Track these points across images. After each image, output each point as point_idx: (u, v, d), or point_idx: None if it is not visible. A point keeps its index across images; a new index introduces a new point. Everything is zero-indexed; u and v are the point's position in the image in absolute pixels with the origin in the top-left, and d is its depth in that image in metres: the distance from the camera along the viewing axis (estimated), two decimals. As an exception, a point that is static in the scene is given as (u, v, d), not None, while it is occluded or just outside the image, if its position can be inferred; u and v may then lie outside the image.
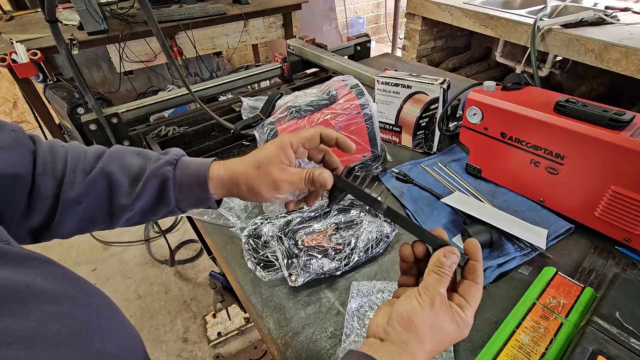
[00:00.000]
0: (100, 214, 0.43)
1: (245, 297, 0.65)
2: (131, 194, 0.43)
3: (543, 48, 1.75)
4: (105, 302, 0.30)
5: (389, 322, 0.35)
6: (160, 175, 0.43)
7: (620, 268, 0.64)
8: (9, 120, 1.83)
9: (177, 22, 2.05)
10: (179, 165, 0.45)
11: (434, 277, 0.36)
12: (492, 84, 0.78)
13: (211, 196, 0.45)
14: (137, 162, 0.44)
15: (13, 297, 0.22)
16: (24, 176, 0.38)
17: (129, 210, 0.44)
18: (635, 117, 0.63)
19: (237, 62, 3.82)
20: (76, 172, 0.41)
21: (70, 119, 1.53)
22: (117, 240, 2.16)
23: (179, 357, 1.60)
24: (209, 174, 0.45)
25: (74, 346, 0.24)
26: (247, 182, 0.44)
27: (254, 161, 0.44)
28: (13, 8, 2.35)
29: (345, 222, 0.72)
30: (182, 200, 0.45)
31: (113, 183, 0.42)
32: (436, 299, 0.35)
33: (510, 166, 0.78)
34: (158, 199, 0.44)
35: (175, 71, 0.84)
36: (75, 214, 0.42)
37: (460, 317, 0.35)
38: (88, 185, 0.41)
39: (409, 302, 0.35)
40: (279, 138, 0.45)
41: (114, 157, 0.44)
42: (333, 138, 0.45)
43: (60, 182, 0.41)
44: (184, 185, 0.45)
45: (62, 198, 0.40)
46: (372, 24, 4.68)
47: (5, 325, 0.21)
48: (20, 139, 0.39)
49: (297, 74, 1.42)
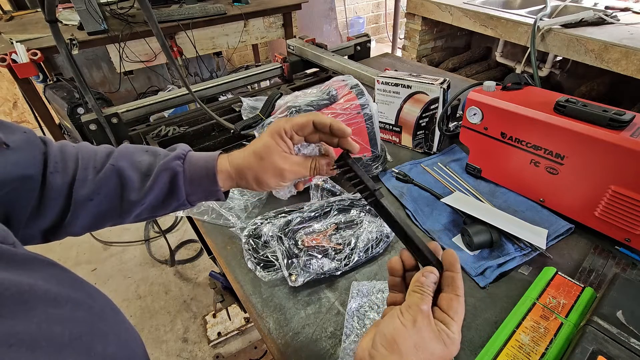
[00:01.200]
0: (111, 210, 0.44)
1: (245, 297, 0.65)
2: (142, 189, 0.44)
3: (543, 48, 1.75)
4: (106, 305, 0.30)
5: (373, 345, 0.34)
6: (170, 169, 0.45)
7: (620, 268, 0.64)
8: (8, 120, 1.82)
9: (177, 22, 2.05)
10: (187, 160, 0.47)
11: (415, 296, 0.35)
12: (492, 84, 0.78)
13: (220, 189, 0.47)
14: (146, 159, 0.46)
15: (16, 299, 0.22)
16: (34, 177, 0.39)
17: (140, 205, 0.45)
18: (635, 117, 0.63)
19: (237, 62, 3.82)
20: (87, 170, 0.43)
21: (70, 119, 1.53)
22: (117, 240, 2.16)
23: (179, 357, 1.60)
24: (217, 167, 0.46)
25: (76, 349, 0.24)
26: (253, 174, 0.46)
27: (255, 153, 0.46)
28: (13, 8, 2.35)
29: (345, 222, 0.72)
30: (192, 194, 0.47)
31: (124, 179, 0.43)
32: (418, 317, 0.34)
33: (510, 166, 0.78)
34: (168, 193, 0.45)
35: (175, 71, 0.84)
36: (87, 211, 0.43)
37: (447, 335, 0.34)
38: (99, 182, 0.42)
39: (392, 322, 0.35)
40: (272, 125, 0.45)
41: (124, 154, 0.45)
42: (326, 124, 0.44)
43: (72, 180, 0.42)
44: (194, 179, 0.46)
45: (74, 195, 0.41)
46: (372, 24, 4.68)
47: (8, 326, 0.21)
48: (31, 140, 0.40)
49: (297, 74, 1.42)
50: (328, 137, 0.46)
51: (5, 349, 0.20)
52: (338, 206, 0.74)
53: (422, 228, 0.75)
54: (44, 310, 0.23)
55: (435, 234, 0.73)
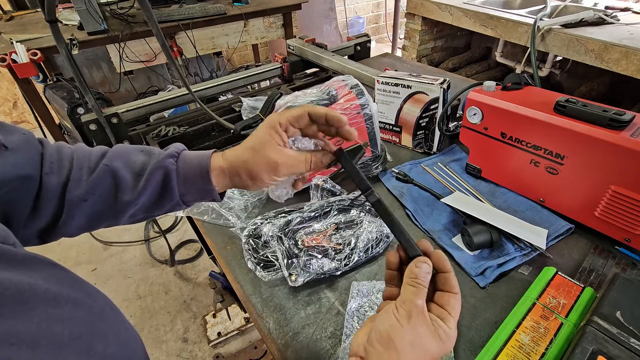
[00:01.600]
0: (105, 211, 0.44)
1: (245, 297, 0.65)
2: (135, 189, 0.44)
3: (543, 48, 1.75)
4: (106, 304, 0.30)
5: (369, 340, 0.34)
6: (163, 167, 0.44)
7: (620, 268, 0.64)
8: (8, 121, 1.83)
9: (177, 22, 2.05)
10: (180, 158, 0.46)
11: (409, 289, 0.35)
12: (492, 84, 0.78)
13: (214, 187, 0.45)
14: (140, 158, 0.45)
15: (16, 298, 0.23)
16: (33, 177, 0.39)
17: (133, 205, 0.44)
18: (635, 117, 0.63)
19: (237, 62, 3.82)
20: (82, 170, 0.42)
21: (70, 119, 1.53)
22: (117, 240, 2.16)
23: (179, 357, 1.60)
24: (211, 164, 0.45)
25: (76, 348, 0.24)
26: (247, 168, 0.44)
27: (249, 146, 0.45)
28: (13, 8, 2.35)
29: (345, 222, 0.72)
30: (186, 194, 0.46)
31: (118, 179, 0.43)
32: (413, 312, 0.34)
33: (510, 166, 0.78)
34: (162, 192, 0.45)
35: (175, 71, 0.84)
36: (82, 211, 0.42)
37: (443, 330, 0.34)
38: (93, 182, 0.42)
39: (387, 318, 0.35)
40: (268, 119, 0.45)
41: (118, 154, 0.45)
42: (322, 115, 0.44)
43: (66, 180, 0.41)
44: (187, 177, 0.45)
45: (68, 196, 0.41)
46: (372, 24, 4.68)
47: (8, 325, 0.21)
48: (30, 142, 0.40)
49: (297, 74, 1.42)
50: (325, 128, 0.45)
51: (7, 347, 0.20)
52: (338, 206, 0.74)
53: (422, 228, 0.75)
54: (43, 310, 0.24)
55: (435, 234, 0.73)
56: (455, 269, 0.66)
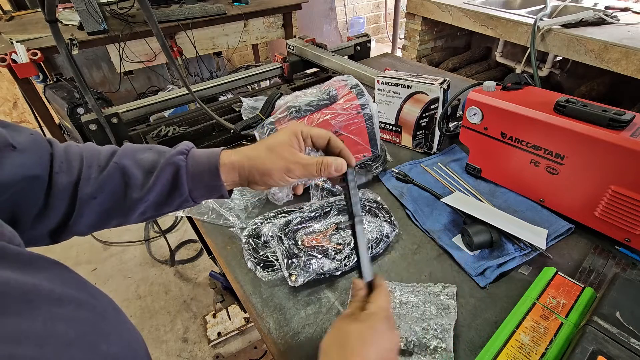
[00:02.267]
0: (115, 208, 0.44)
1: (245, 297, 0.65)
2: (145, 186, 0.44)
3: (543, 48, 1.75)
4: (109, 305, 0.31)
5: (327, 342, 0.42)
6: (173, 164, 0.45)
7: (620, 268, 0.64)
8: (8, 121, 1.82)
9: (177, 22, 2.05)
10: (190, 155, 0.47)
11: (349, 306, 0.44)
12: (492, 84, 0.78)
13: (222, 183, 0.46)
14: (150, 156, 0.46)
15: (22, 298, 0.23)
16: (42, 177, 0.39)
17: (143, 202, 0.45)
18: (635, 117, 0.63)
19: (237, 62, 3.82)
20: (91, 169, 0.43)
21: (70, 119, 1.53)
22: (117, 240, 2.16)
23: (179, 357, 1.60)
24: (220, 160, 0.46)
25: (82, 347, 0.24)
26: (260, 165, 0.46)
27: (266, 145, 0.47)
28: (13, 8, 2.35)
29: (345, 222, 0.72)
30: (195, 189, 0.47)
31: (127, 176, 0.44)
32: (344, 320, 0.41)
33: (510, 166, 0.78)
34: (171, 188, 0.46)
35: (175, 71, 0.84)
36: (92, 209, 0.43)
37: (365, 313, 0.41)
38: (103, 180, 0.43)
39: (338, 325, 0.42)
40: (291, 125, 0.48)
41: (128, 152, 0.46)
42: (338, 148, 0.48)
43: (77, 179, 0.42)
44: (196, 173, 0.46)
45: (79, 194, 0.42)
46: (372, 24, 4.68)
47: (15, 324, 0.21)
48: (38, 142, 0.40)
49: (297, 74, 1.42)
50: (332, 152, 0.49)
51: (16, 345, 0.21)
52: (338, 206, 0.74)
53: (422, 228, 0.75)
54: (48, 309, 0.24)
55: (435, 234, 0.73)
56: (455, 269, 0.67)
